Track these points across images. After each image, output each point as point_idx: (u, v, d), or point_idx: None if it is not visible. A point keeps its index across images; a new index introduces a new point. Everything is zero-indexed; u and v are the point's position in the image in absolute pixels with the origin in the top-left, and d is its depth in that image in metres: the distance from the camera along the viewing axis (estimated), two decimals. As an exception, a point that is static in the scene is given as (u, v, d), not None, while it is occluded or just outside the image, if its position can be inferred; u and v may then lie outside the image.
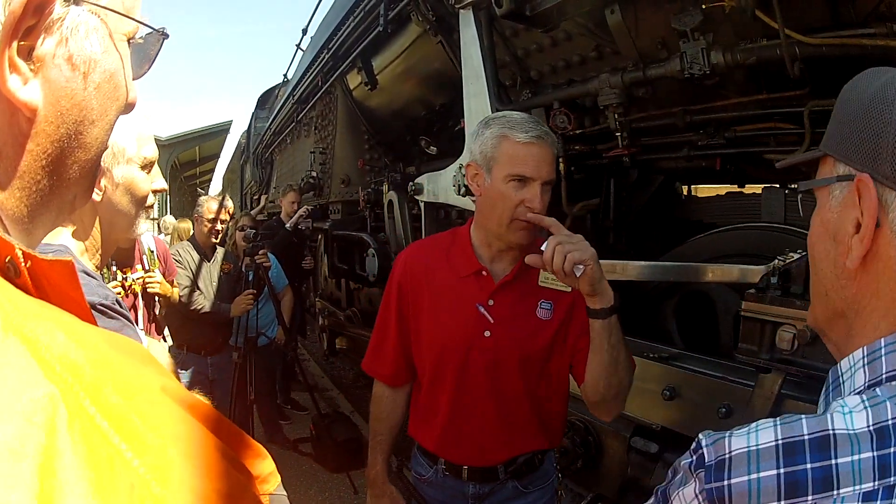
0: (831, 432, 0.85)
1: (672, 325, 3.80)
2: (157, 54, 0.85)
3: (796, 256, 2.47)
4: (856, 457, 0.83)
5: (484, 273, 2.36)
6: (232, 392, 5.58)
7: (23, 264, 0.62)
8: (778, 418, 0.92)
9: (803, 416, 0.90)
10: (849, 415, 0.87)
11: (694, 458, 0.97)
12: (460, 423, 2.38)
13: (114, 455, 0.52)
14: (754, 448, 0.89)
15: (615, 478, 3.23)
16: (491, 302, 2.33)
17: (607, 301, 2.04)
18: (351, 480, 5.79)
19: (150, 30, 0.83)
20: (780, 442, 0.88)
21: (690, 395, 2.93)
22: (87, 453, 0.50)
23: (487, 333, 2.31)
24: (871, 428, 0.84)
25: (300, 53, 11.52)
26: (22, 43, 0.63)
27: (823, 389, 1.06)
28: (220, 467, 0.62)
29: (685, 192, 5.29)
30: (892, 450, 0.83)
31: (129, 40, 0.78)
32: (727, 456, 0.91)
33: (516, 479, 2.40)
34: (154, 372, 0.66)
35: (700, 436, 0.98)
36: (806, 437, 0.86)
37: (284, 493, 0.80)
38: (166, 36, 0.85)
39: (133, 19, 0.77)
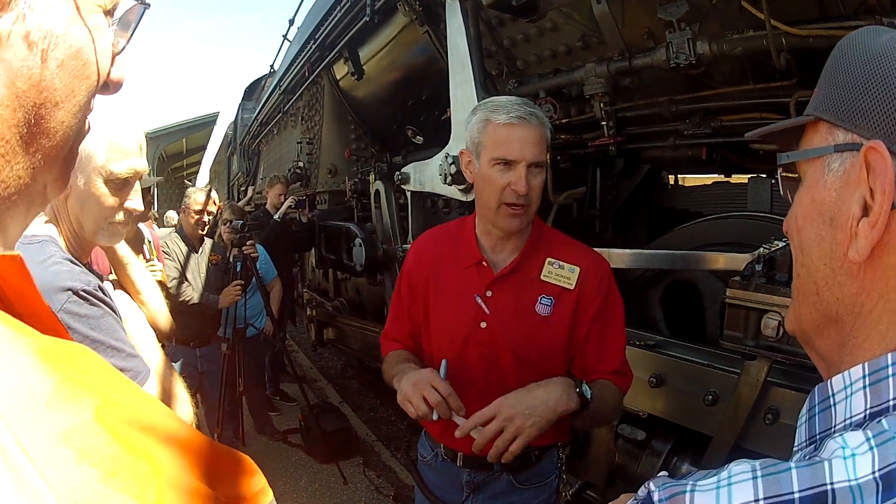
0: (829, 487, 0.66)
1: (658, 313, 3.82)
2: (136, 25, 0.79)
3: (781, 244, 2.49)
4: None
5: (484, 263, 2.33)
6: (221, 383, 5.58)
7: None
8: (758, 465, 0.72)
9: (792, 464, 0.70)
10: (851, 459, 0.67)
11: None
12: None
13: (34, 496, 0.46)
14: None
15: (603, 465, 3.26)
16: (489, 293, 2.30)
17: (576, 405, 2.07)
18: (340, 470, 5.80)
19: (130, 2, 0.77)
20: (761, 503, 0.68)
21: (677, 382, 2.95)
22: (4, 497, 0.45)
23: (483, 325, 2.28)
24: (878, 475, 0.65)
25: (287, 44, 11.49)
26: None
27: (806, 410, 0.85)
28: (170, 497, 0.55)
29: (672, 182, 5.32)
30: None
31: (107, 13, 0.73)
32: None
33: (510, 473, 2.36)
34: (98, 389, 0.57)
35: (651, 485, 0.78)
36: (797, 496, 0.67)
37: None
38: (147, 5, 0.80)
39: None
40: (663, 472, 0.82)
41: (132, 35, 0.78)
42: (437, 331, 2.41)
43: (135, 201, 2.02)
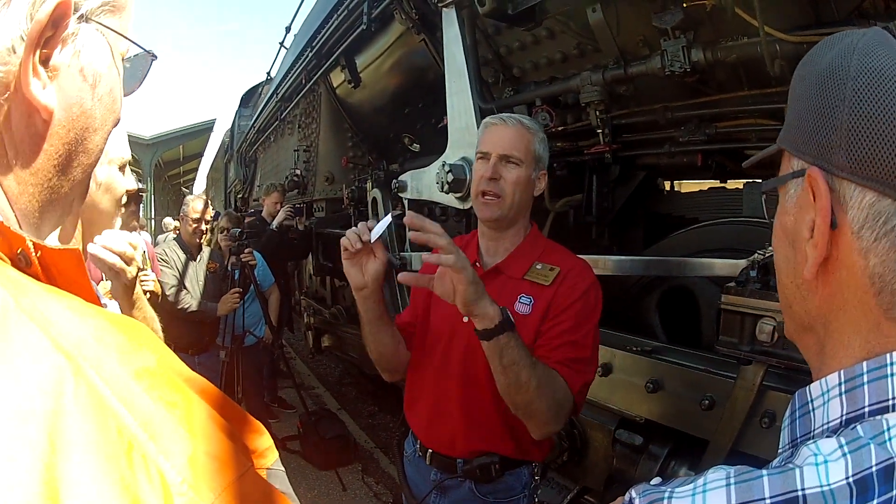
0: (800, 493, 0.69)
1: (655, 319, 3.84)
2: (146, 74, 0.92)
3: (775, 250, 2.51)
4: None
5: (477, 264, 2.41)
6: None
7: (33, 254, 0.68)
8: (732, 472, 0.76)
9: (764, 471, 0.74)
10: (823, 465, 0.71)
11: None
12: (435, 406, 2.45)
13: (115, 419, 0.58)
14: None
15: (601, 470, 3.27)
16: None
17: (488, 321, 1.93)
18: (339, 477, 5.81)
19: (141, 50, 0.89)
20: None
21: (673, 387, 2.97)
22: (91, 417, 0.56)
23: (466, 319, 2.26)
24: (851, 480, 0.68)
25: (284, 52, 11.48)
26: (43, 51, 0.69)
27: (788, 414, 0.89)
28: (213, 433, 0.67)
29: (668, 188, 5.33)
30: (874, 503, 0.67)
31: (122, 59, 0.84)
32: None
33: (472, 482, 2.39)
34: (154, 347, 0.72)
35: (632, 492, 0.82)
36: (768, 502, 0.70)
37: (282, 468, 0.82)
38: (155, 57, 0.92)
39: (130, 40, 0.83)
40: (657, 479, 0.86)
41: (142, 82, 0.92)
42: (429, 328, 2.50)
43: (130, 182, 2.20)
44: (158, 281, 4.54)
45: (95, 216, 2.06)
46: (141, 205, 2.30)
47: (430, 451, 2.47)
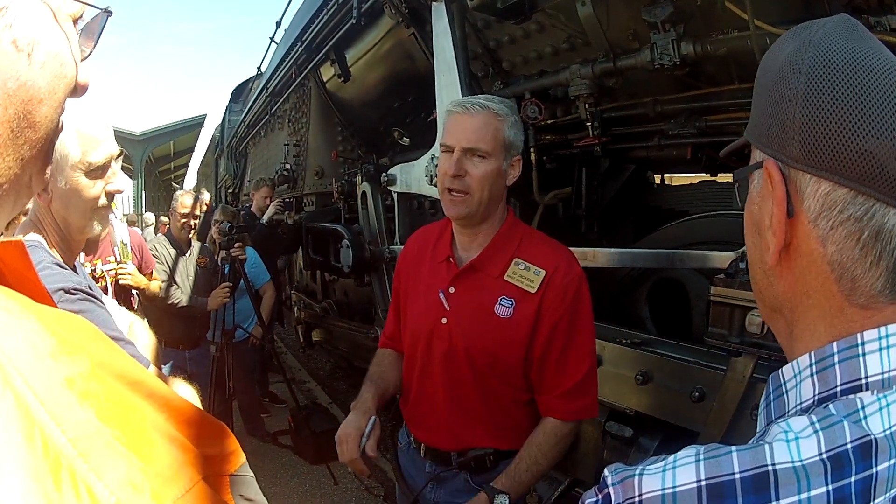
0: (770, 468, 0.70)
1: (644, 312, 3.85)
2: (100, 32, 0.86)
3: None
4: (804, 495, 0.69)
5: (451, 259, 2.35)
6: (211, 386, 5.58)
7: None
8: (703, 449, 0.77)
9: (733, 448, 0.75)
10: (794, 442, 0.72)
11: (599, 497, 0.82)
12: (422, 403, 2.42)
13: (42, 433, 0.54)
14: (670, 491, 0.74)
15: (591, 462, 3.27)
16: (452, 289, 2.32)
17: None
18: (330, 471, 5.81)
19: (96, 10, 0.84)
20: (703, 483, 0.72)
21: (663, 379, 2.97)
22: (16, 431, 0.52)
23: (444, 321, 2.30)
24: (825, 456, 0.70)
25: (274, 46, 11.45)
26: None
27: (763, 398, 0.91)
28: (157, 446, 0.64)
29: (658, 181, 5.35)
30: (852, 479, 0.69)
31: (74, 21, 0.79)
32: (636, 499, 0.76)
33: (467, 472, 2.36)
34: (94, 349, 0.67)
35: (606, 471, 0.83)
36: (737, 476, 0.71)
37: (250, 473, 0.78)
38: (110, 13, 0.86)
39: (78, 0, 0.79)
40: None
41: (97, 42, 0.85)
42: (408, 324, 2.46)
43: (115, 183, 2.10)
44: (148, 274, 4.54)
45: (68, 218, 1.99)
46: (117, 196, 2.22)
47: (423, 444, 2.45)
